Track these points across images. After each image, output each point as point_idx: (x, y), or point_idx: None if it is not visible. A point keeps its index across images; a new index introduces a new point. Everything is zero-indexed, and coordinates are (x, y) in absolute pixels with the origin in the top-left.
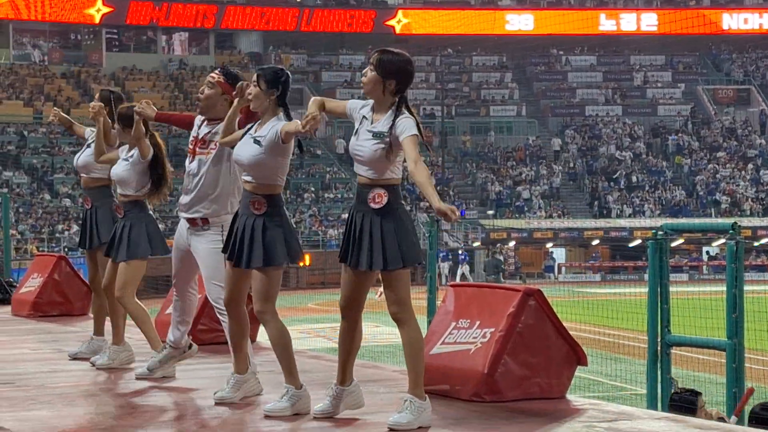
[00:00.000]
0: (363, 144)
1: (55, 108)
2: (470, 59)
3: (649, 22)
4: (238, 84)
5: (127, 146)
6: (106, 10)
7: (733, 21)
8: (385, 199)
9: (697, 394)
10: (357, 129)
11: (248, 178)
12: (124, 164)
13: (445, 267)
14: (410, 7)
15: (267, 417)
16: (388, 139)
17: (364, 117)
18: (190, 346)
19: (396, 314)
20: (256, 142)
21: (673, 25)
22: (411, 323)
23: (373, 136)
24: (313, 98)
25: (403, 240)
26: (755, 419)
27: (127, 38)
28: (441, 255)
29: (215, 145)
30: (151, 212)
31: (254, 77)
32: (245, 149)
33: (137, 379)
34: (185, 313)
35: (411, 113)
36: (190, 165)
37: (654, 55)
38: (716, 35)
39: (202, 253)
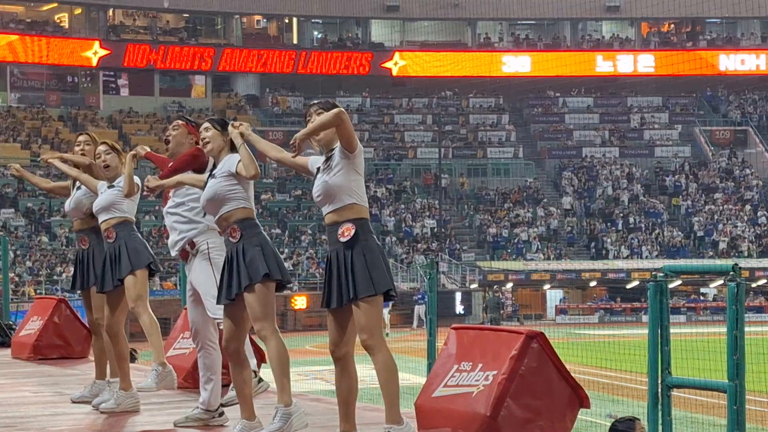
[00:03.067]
0: (318, 183)
1: (15, 165)
2: (467, 101)
3: (645, 63)
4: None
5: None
6: (103, 53)
7: (730, 62)
8: (352, 232)
9: (634, 419)
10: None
11: (220, 213)
12: (115, 191)
13: (422, 309)
14: (407, 50)
15: None
16: (334, 162)
17: (318, 168)
18: (221, 414)
19: (365, 341)
20: (212, 176)
21: (670, 66)
22: (382, 350)
23: (324, 172)
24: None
25: (373, 267)
26: None
27: (123, 81)
28: (418, 297)
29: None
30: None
31: (206, 124)
32: (207, 190)
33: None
34: (209, 370)
35: None
36: (166, 207)
37: (651, 97)
38: (713, 76)
39: (195, 272)
